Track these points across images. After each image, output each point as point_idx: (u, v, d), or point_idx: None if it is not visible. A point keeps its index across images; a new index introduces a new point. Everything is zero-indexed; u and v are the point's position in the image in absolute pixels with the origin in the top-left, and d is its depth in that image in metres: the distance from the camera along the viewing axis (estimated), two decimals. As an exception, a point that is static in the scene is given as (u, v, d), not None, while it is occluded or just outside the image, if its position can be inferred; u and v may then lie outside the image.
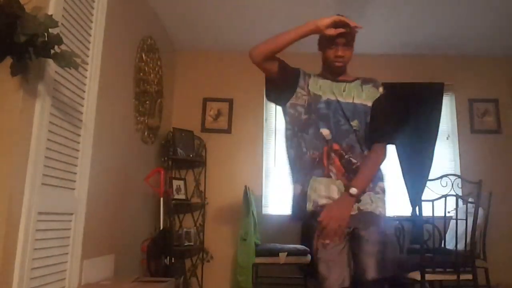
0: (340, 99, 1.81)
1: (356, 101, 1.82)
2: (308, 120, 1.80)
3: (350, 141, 1.77)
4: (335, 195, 1.71)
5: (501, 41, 4.05)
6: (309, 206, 1.72)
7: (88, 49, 2.26)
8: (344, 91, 1.84)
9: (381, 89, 1.88)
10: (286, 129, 1.88)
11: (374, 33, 3.97)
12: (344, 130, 1.78)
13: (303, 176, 1.76)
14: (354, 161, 1.74)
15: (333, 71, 1.86)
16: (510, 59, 4.28)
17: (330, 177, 1.73)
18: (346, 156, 1.75)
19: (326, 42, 1.82)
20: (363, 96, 1.84)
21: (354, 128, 1.78)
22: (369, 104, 1.83)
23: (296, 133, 1.82)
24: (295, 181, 1.82)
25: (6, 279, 1.59)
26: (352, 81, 1.88)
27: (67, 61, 1.65)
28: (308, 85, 1.84)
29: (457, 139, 4.20)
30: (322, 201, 1.70)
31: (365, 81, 1.90)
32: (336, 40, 1.78)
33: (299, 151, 1.80)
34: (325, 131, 1.77)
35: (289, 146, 1.85)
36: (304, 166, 1.77)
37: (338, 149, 1.75)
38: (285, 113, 1.89)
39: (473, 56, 4.29)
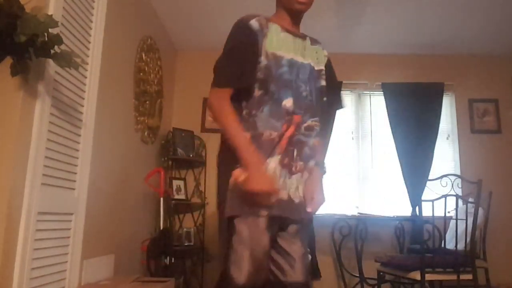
0: (301, 59, 1.52)
1: (312, 62, 1.57)
2: (264, 96, 1.44)
3: (308, 111, 1.51)
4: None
5: (501, 41, 4.05)
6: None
7: (88, 49, 2.26)
8: (304, 49, 1.55)
9: (326, 52, 1.69)
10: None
11: (374, 33, 3.97)
12: (304, 98, 1.51)
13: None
14: (306, 134, 1.50)
15: (292, 15, 1.54)
16: (510, 59, 4.28)
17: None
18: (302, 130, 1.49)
19: None
20: (316, 58, 1.60)
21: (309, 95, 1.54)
22: (321, 68, 1.62)
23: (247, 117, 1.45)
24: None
25: (6, 279, 1.59)
26: (305, 37, 1.60)
27: (67, 61, 1.65)
28: (265, 45, 1.45)
29: (457, 139, 4.20)
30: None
31: (313, 41, 1.64)
32: None
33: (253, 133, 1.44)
34: (288, 102, 1.46)
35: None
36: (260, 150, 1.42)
37: (300, 122, 1.48)
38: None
39: (473, 56, 4.29)
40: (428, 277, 2.68)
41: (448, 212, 2.73)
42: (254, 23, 1.46)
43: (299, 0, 1.49)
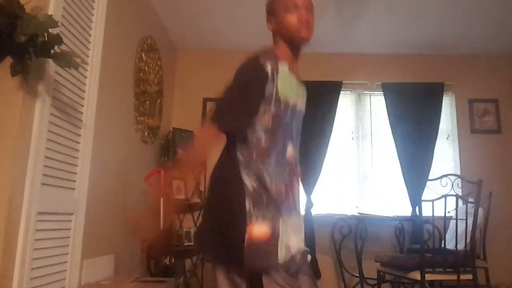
0: (299, 105, 1.48)
1: (303, 109, 1.54)
2: (271, 145, 1.40)
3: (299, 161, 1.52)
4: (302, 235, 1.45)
5: (501, 41, 4.04)
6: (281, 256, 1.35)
7: (88, 49, 2.26)
8: (301, 95, 1.52)
9: None
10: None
11: (374, 33, 3.97)
12: (298, 144, 1.51)
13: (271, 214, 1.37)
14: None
15: (293, 47, 1.47)
16: (510, 59, 4.28)
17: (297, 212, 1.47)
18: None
19: (283, 5, 1.43)
20: (304, 104, 1.56)
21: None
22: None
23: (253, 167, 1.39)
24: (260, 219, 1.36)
25: (6, 279, 1.59)
26: (301, 81, 1.55)
27: (67, 61, 1.65)
28: (277, 92, 1.38)
29: (457, 139, 4.20)
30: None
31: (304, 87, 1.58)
32: (297, 2, 1.43)
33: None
34: (290, 150, 1.45)
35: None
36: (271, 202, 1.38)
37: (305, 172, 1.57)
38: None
39: (473, 56, 4.29)
40: (428, 277, 2.68)
41: (448, 212, 2.73)
42: (268, 67, 1.38)
43: (301, 36, 1.44)
